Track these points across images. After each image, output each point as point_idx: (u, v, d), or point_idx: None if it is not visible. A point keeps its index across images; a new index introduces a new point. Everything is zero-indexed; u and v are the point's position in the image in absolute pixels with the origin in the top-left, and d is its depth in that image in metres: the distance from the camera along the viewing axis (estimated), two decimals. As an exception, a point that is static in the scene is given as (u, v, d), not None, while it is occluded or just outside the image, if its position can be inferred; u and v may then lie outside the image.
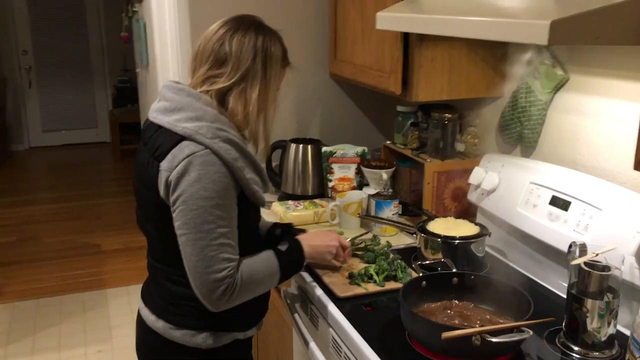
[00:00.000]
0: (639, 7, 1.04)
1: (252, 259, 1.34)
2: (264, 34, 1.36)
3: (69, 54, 6.85)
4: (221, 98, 1.34)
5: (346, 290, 1.53)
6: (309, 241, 1.50)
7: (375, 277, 1.57)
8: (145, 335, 1.46)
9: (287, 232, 1.61)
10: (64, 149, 6.97)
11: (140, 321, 1.48)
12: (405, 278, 1.57)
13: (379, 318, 1.43)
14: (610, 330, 1.25)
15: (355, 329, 1.37)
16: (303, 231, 1.63)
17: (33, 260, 4.14)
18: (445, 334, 1.17)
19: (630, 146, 1.45)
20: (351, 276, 1.58)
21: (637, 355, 1.03)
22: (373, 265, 1.62)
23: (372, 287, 1.55)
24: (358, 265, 1.65)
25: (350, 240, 1.70)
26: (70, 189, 5.65)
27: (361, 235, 1.84)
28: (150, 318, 1.42)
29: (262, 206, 1.41)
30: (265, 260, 1.37)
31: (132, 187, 1.44)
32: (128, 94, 6.86)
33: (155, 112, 1.36)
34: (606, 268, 1.24)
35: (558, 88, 1.66)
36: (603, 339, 1.25)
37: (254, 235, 1.44)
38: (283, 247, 1.43)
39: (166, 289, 1.39)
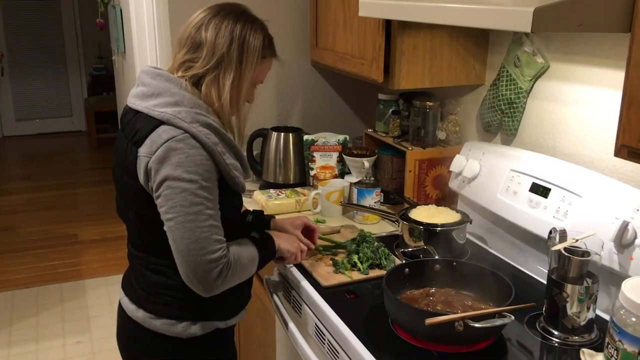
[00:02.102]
0: (620, -5, 1.05)
1: (234, 245, 1.34)
2: (244, 21, 1.34)
3: (43, 41, 6.71)
4: (195, 84, 1.33)
5: (330, 278, 1.53)
6: (276, 233, 1.52)
7: (359, 264, 1.58)
8: (125, 325, 1.45)
9: (259, 219, 1.60)
10: (38, 138, 6.85)
11: (120, 311, 1.46)
12: (390, 265, 1.58)
13: (362, 305, 1.43)
14: (590, 314, 1.27)
15: (339, 316, 1.37)
16: (273, 217, 1.64)
17: (9, 251, 4.07)
18: (429, 320, 1.18)
19: (610, 133, 1.47)
20: (335, 264, 1.58)
21: (616, 339, 1.05)
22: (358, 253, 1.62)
23: (356, 275, 1.55)
24: (342, 256, 1.65)
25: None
26: (46, 178, 5.56)
27: (332, 233, 1.81)
28: (130, 307, 1.41)
29: (242, 192, 1.40)
30: (246, 246, 1.38)
31: (112, 175, 1.41)
32: (104, 81, 6.76)
33: (134, 97, 1.34)
34: (586, 253, 1.26)
35: (538, 76, 1.68)
36: (582, 323, 1.27)
37: (236, 222, 1.44)
38: (257, 236, 1.44)
39: (146, 278, 1.37)
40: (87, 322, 3.26)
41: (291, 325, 1.56)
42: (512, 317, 1.20)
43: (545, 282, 1.34)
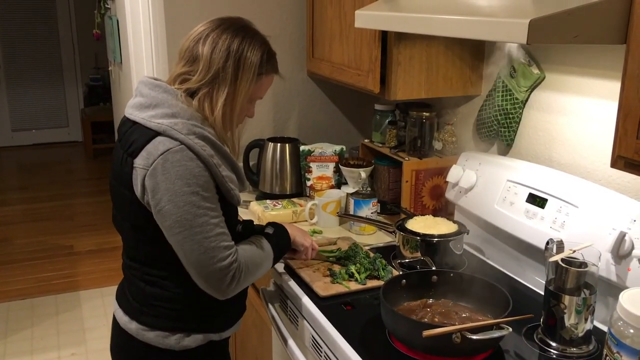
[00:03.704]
0: (616, 6, 1.06)
1: (244, 245, 1.36)
2: (243, 36, 1.33)
3: (39, 52, 6.71)
4: (191, 96, 1.33)
5: (328, 289, 1.52)
6: (289, 226, 1.55)
7: (356, 275, 1.57)
8: (119, 337, 1.44)
9: (249, 229, 1.60)
10: (34, 149, 6.83)
11: (114, 323, 1.46)
12: (387, 276, 1.57)
13: (359, 317, 1.42)
14: (588, 326, 1.27)
15: (335, 328, 1.36)
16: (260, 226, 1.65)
17: (4, 262, 4.05)
18: (426, 332, 1.17)
19: (606, 144, 1.48)
20: (332, 275, 1.58)
21: (614, 351, 1.05)
22: (355, 264, 1.62)
23: (353, 286, 1.54)
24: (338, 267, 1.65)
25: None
26: (42, 189, 5.54)
27: (330, 245, 1.80)
28: (123, 319, 1.40)
29: (237, 205, 1.39)
30: (258, 243, 1.39)
31: (106, 187, 1.41)
32: (100, 92, 6.75)
33: (131, 108, 1.33)
34: (583, 264, 1.26)
35: (534, 87, 1.68)
36: (580, 334, 1.27)
37: (231, 233, 1.43)
38: (271, 231, 1.47)
39: (140, 289, 1.37)
40: (83, 334, 3.23)
41: (287, 337, 1.55)
42: (510, 329, 1.20)
43: (542, 293, 1.34)
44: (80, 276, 3.88)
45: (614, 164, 1.10)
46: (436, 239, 1.64)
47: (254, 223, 1.57)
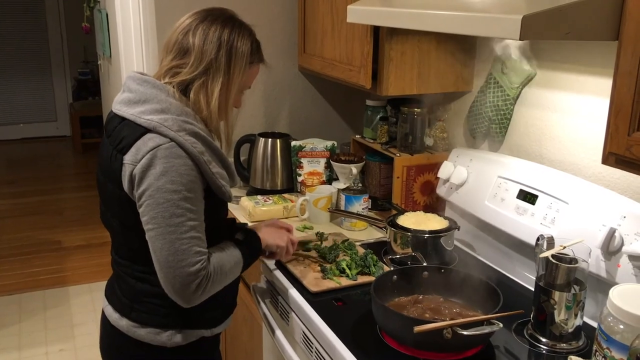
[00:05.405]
0: (608, 3, 1.06)
1: (217, 251, 1.33)
2: (232, 26, 1.33)
3: (28, 45, 6.64)
4: (183, 91, 1.32)
5: (319, 284, 1.52)
6: (261, 229, 1.51)
7: (347, 271, 1.57)
8: (109, 334, 1.43)
9: (232, 227, 1.59)
10: (22, 143, 6.77)
11: (104, 320, 1.44)
12: (378, 272, 1.57)
13: (350, 313, 1.42)
14: (577, 321, 1.27)
15: (326, 323, 1.36)
16: (245, 224, 1.63)
17: (-9, 257, 4.01)
18: (418, 328, 1.17)
19: (596, 141, 1.48)
20: (323, 270, 1.57)
21: (604, 347, 1.05)
22: (346, 259, 1.61)
23: (344, 281, 1.54)
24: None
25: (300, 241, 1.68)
26: (30, 184, 5.49)
27: (318, 240, 1.76)
28: (113, 316, 1.39)
29: (228, 201, 1.39)
30: (228, 251, 1.36)
31: (95, 182, 1.40)
32: (89, 86, 6.70)
33: (119, 104, 1.32)
34: (573, 261, 1.27)
35: (525, 83, 1.68)
36: (570, 330, 1.27)
37: (220, 231, 1.42)
38: (241, 237, 1.43)
39: (130, 286, 1.36)
40: (71, 330, 3.21)
41: (278, 332, 1.54)
42: (501, 325, 1.20)
43: (532, 289, 1.34)
44: (68, 271, 3.85)
45: (605, 161, 1.11)
46: (427, 235, 1.64)
47: (237, 221, 1.56)
